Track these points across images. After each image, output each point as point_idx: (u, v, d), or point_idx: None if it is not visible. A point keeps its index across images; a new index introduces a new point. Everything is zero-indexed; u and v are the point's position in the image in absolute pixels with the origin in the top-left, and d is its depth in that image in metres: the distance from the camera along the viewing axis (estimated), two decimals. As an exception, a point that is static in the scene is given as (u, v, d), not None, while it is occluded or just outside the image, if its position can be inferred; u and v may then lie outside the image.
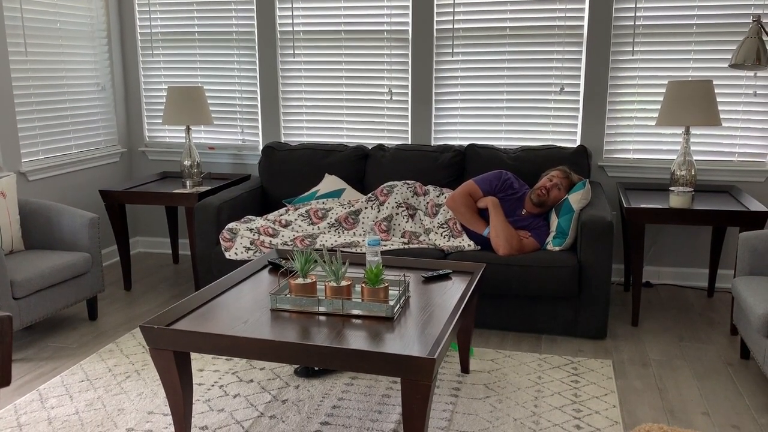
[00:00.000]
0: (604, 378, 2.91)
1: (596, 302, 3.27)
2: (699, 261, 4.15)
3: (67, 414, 2.62)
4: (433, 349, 2.11)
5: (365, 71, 4.41)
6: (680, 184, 3.68)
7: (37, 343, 3.34)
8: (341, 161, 4.17)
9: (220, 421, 2.57)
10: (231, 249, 3.54)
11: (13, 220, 3.43)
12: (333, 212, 3.77)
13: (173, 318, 2.39)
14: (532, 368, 3.01)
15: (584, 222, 3.25)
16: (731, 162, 4.01)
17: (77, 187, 4.41)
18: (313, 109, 4.55)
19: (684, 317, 3.66)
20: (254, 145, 4.69)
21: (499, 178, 3.65)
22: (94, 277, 3.57)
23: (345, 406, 2.67)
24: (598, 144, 4.13)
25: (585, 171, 3.83)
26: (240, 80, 4.62)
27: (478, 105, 4.28)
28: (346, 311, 2.44)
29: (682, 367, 3.04)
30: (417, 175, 4.02)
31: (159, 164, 4.89)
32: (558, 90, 4.15)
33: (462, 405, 2.67)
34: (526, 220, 3.54)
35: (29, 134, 4.02)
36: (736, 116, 3.95)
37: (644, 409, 2.67)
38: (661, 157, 4.10)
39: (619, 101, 4.09)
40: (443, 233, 3.58)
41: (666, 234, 4.17)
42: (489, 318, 3.43)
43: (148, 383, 2.89)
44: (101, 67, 4.61)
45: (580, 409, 2.64)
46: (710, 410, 2.66)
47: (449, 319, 2.36)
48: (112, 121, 4.74)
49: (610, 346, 3.27)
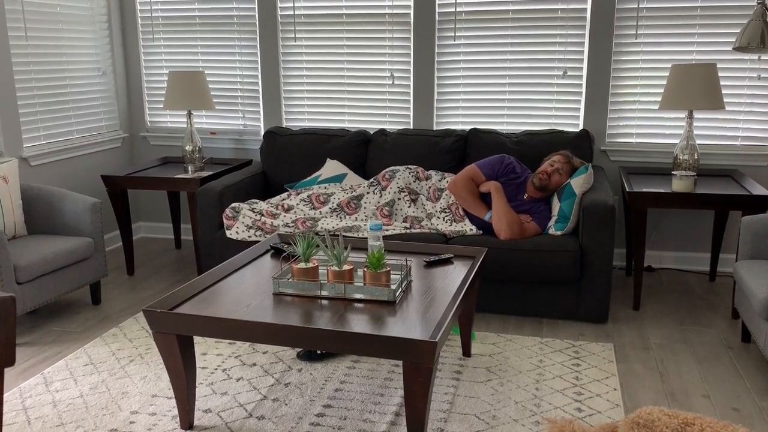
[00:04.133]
0: (605, 362, 2.92)
1: (598, 286, 3.28)
2: (701, 245, 4.15)
3: (72, 397, 2.64)
4: (435, 333, 2.12)
5: (367, 55, 4.39)
6: (683, 169, 3.67)
7: (41, 328, 3.36)
8: (343, 146, 4.16)
9: (224, 404, 2.59)
10: (232, 227, 3.55)
11: (16, 205, 3.44)
12: (335, 197, 3.77)
13: (176, 302, 2.40)
14: (533, 352, 3.02)
15: (586, 206, 3.25)
16: (734, 146, 3.99)
17: (79, 173, 4.41)
18: (314, 93, 4.53)
19: (685, 301, 3.66)
20: (256, 130, 4.68)
21: (501, 163, 3.64)
22: (97, 262, 3.58)
23: (347, 389, 2.68)
24: (601, 128, 4.12)
25: (587, 155, 3.82)
26: (241, 65, 4.61)
27: (480, 89, 4.26)
28: (348, 295, 2.45)
29: (683, 351, 3.05)
30: (419, 159, 4.01)
31: (161, 149, 4.88)
32: (561, 74, 4.13)
33: (464, 388, 2.69)
34: (528, 205, 3.54)
35: (31, 119, 4.01)
36: (740, 100, 3.93)
37: (645, 392, 2.68)
38: (664, 141, 4.08)
39: (622, 85, 4.07)
40: (445, 218, 3.58)
41: (668, 218, 4.17)
42: (491, 302, 3.44)
43: (152, 367, 2.90)
44: (102, 51, 4.59)
45: (581, 392, 2.65)
46: (711, 393, 2.67)
47: (451, 303, 2.37)
48: (114, 106, 4.73)
49: (612, 330, 3.28)
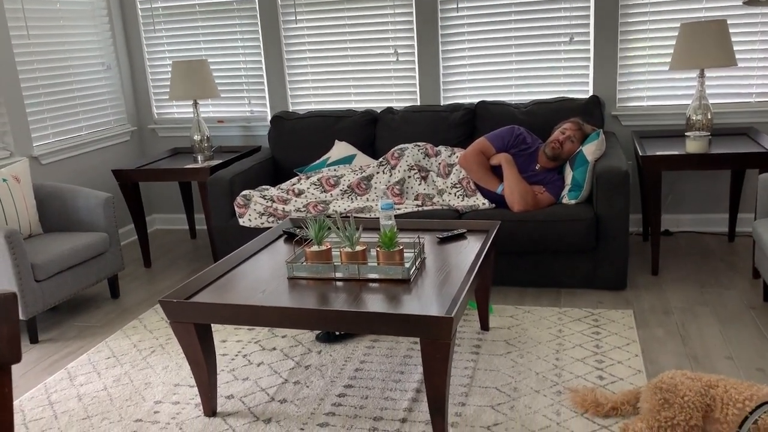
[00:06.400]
0: (626, 328, 2.90)
1: (615, 253, 3.25)
2: (718, 206, 4.09)
3: (96, 390, 2.68)
4: (451, 308, 2.11)
5: (369, 33, 4.34)
6: (696, 129, 3.60)
7: (62, 324, 3.40)
8: (351, 127, 4.13)
9: (246, 389, 2.61)
10: (245, 215, 3.56)
11: (29, 204, 3.46)
12: (345, 179, 3.75)
13: (192, 291, 2.41)
14: (552, 322, 3.00)
15: (599, 173, 3.21)
16: (748, 103, 3.91)
17: (90, 168, 4.43)
18: (319, 75, 4.50)
19: (705, 263, 3.62)
20: (263, 116, 4.66)
21: (511, 134, 3.60)
22: (114, 256, 3.60)
23: (367, 368, 2.69)
24: (611, 93, 4.05)
25: (598, 121, 3.77)
26: (244, 50, 4.58)
27: (486, 60, 4.20)
28: (362, 276, 2.44)
29: (705, 314, 3.02)
30: (428, 136, 3.98)
31: (170, 141, 4.89)
32: (567, 40, 4.06)
33: (483, 362, 2.68)
34: (541, 175, 3.50)
35: (39, 118, 4.03)
36: (753, 55, 3.84)
37: (667, 356, 2.66)
38: (676, 102, 4.01)
39: (631, 48, 3.99)
40: (457, 193, 3.56)
41: (684, 181, 4.11)
42: (507, 275, 3.42)
43: (173, 357, 2.93)
44: (105, 45, 4.58)
45: (602, 360, 2.64)
46: (734, 354, 2.65)
47: (466, 277, 2.35)
48: (120, 100, 4.73)
49: (631, 297, 3.25)
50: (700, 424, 2.06)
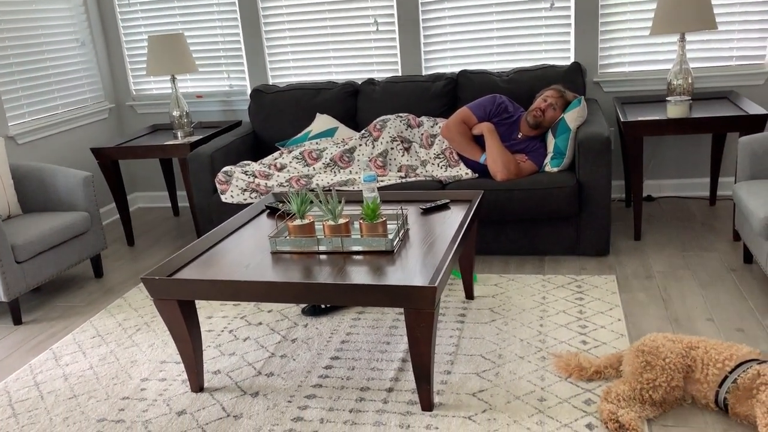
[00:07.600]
0: (609, 293, 2.93)
1: (597, 220, 3.27)
2: (700, 171, 4.12)
3: (82, 369, 2.67)
4: (434, 278, 2.12)
5: (348, 2, 4.27)
6: (677, 94, 3.61)
7: (46, 304, 3.37)
8: (332, 99, 4.09)
9: (232, 364, 2.61)
10: (227, 192, 3.53)
11: (7, 184, 3.41)
12: (327, 152, 3.73)
13: (175, 268, 2.40)
14: (536, 289, 3.03)
15: (581, 140, 3.21)
16: (729, 67, 3.91)
17: (68, 147, 4.36)
18: (298, 47, 4.43)
19: (686, 228, 3.65)
20: (242, 90, 4.60)
21: (493, 103, 3.58)
22: (96, 235, 3.57)
23: (353, 340, 2.70)
24: (593, 59, 4.04)
25: (580, 88, 3.75)
26: (221, 23, 4.49)
27: (467, 29, 4.16)
28: (346, 248, 2.44)
29: (686, 277, 3.06)
30: (410, 107, 3.95)
31: (149, 117, 4.82)
32: (548, 6, 4.02)
33: (468, 330, 2.70)
34: (523, 144, 3.49)
35: (13, 96, 3.94)
36: (733, 18, 3.83)
37: (649, 320, 2.69)
38: (658, 67, 4.00)
39: (612, 13, 3.96)
40: (440, 164, 3.55)
41: (665, 146, 4.12)
42: (491, 244, 3.43)
43: (159, 334, 2.92)
44: (78, 21, 4.48)
45: (585, 325, 2.67)
46: (715, 316, 2.69)
47: (449, 247, 2.36)
48: (96, 77, 4.64)
49: (614, 262, 3.28)
50: (682, 385, 2.09)
